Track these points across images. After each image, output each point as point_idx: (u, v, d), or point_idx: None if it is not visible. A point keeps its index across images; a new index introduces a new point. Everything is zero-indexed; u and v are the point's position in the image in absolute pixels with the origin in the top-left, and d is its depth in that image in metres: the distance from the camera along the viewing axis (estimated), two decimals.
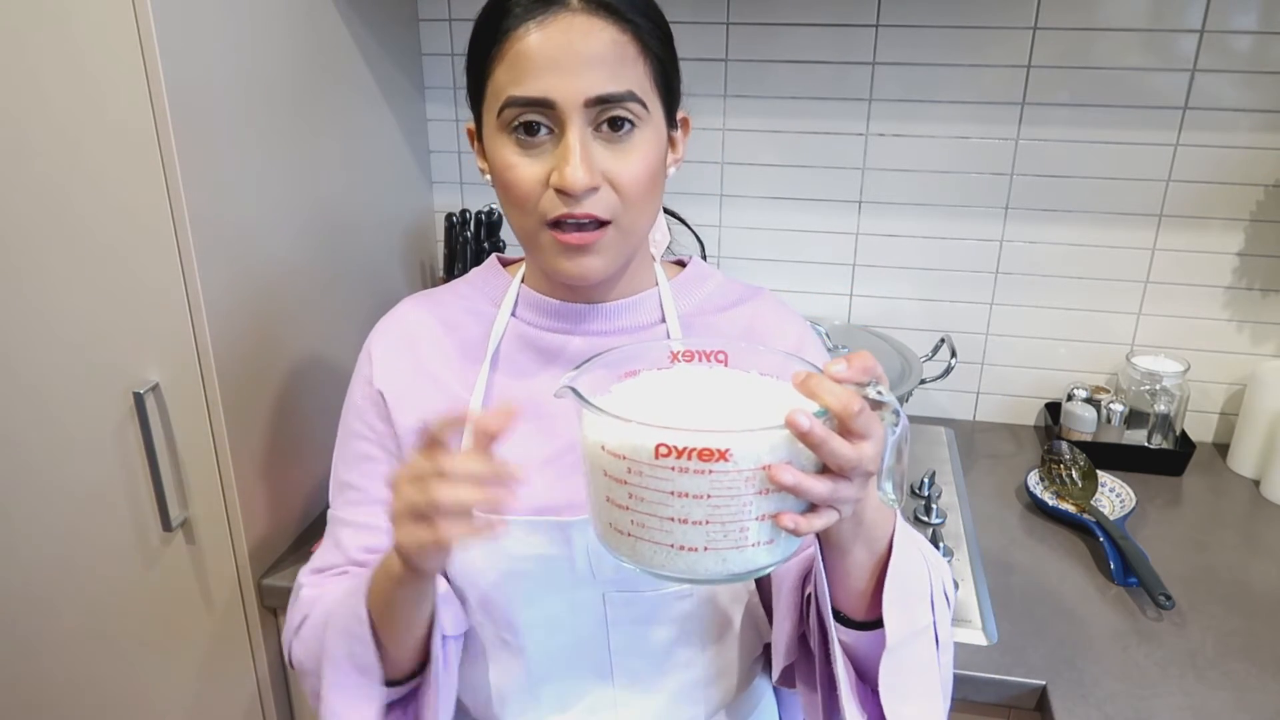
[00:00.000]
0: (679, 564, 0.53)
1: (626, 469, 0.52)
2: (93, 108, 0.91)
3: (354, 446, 0.82)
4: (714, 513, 0.51)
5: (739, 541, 0.52)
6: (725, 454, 0.50)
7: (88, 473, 1.08)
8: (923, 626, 0.67)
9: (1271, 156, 1.30)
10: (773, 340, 0.81)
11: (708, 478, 0.50)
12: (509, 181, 0.70)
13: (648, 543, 0.53)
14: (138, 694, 1.21)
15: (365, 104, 1.31)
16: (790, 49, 1.38)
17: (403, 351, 0.81)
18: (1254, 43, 1.25)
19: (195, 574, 1.11)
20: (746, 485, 0.51)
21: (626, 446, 0.51)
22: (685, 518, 0.51)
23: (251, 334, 1.07)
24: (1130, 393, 1.39)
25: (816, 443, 0.50)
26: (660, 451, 0.50)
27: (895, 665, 0.66)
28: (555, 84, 0.66)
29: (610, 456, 0.52)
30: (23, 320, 1.02)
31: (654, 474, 0.51)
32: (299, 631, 0.78)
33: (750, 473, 0.51)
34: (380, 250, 1.39)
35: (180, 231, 0.95)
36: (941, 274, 1.46)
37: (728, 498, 0.51)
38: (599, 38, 0.67)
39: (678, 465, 0.50)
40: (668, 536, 0.52)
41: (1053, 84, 1.32)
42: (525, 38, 0.66)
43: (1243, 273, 1.37)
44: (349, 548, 0.80)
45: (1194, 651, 0.99)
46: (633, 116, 0.69)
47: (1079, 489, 1.28)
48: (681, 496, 0.51)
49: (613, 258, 0.73)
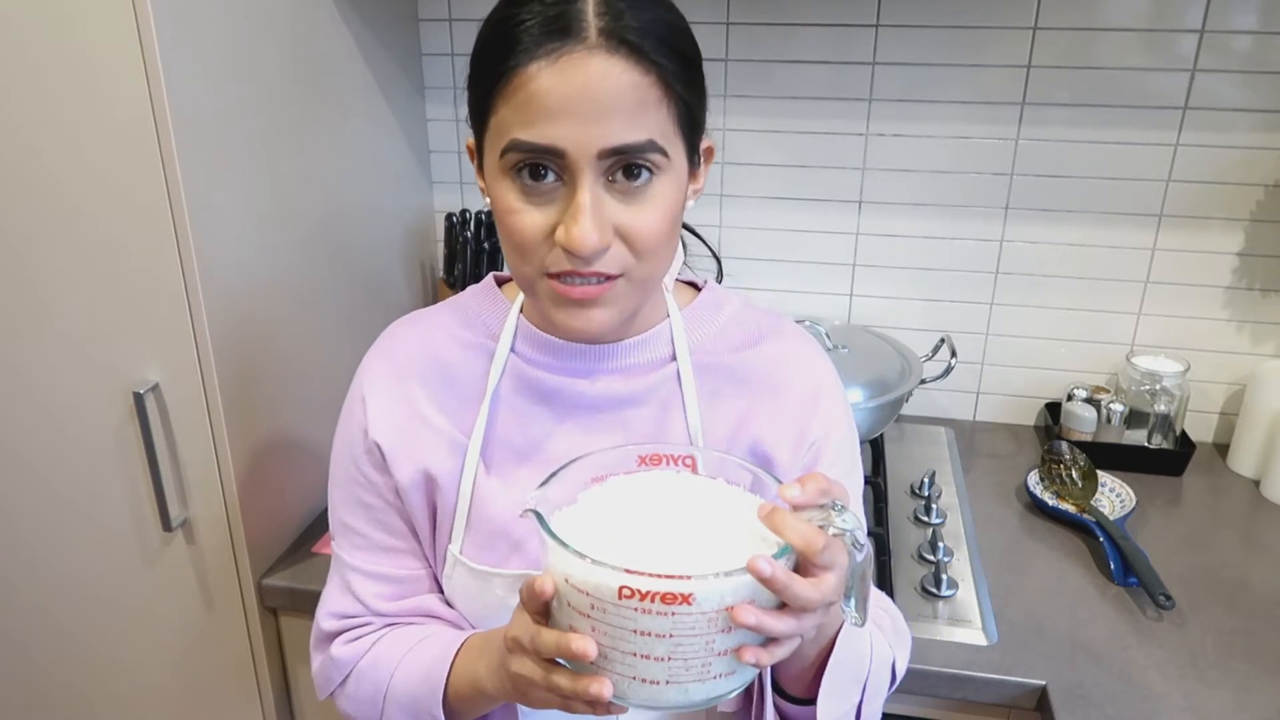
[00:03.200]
0: (642, 694, 0.54)
1: (590, 605, 0.52)
2: (93, 107, 0.91)
3: (351, 491, 0.78)
4: (676, 650, 0.52)
5: (700, 675, 0.54)
6: (689, 598, 0.50)
7: (88, 473, 1.08)
8: (849, 707, 0.69)
9: (1271, 156, 1.30)
10: (789, 389, 0.76)
11: (670, 619, 0.51)
12: (510, 228, 0.64)
13: (611, 674, 0.54)
14: (138, 694, 1.21)
15: (365, 104, 1.31)
16: (790, 49, 1.38)
17: (396, 396, 0.76)
18: (1254, 43, 1.25)
19: (195, 574, 1.11)
20: (709, 625, 0.52)
21: (590, 584, 0.52)
22: (648, 654, 0.52)
23: (251, 334, 1.07)
24: (1130, 393, 1.39)
25: (779, 588, 0.51)
26: (624, 593, 0.50)
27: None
28: (567, 133, 0.59)
29: (574, 590, 0.53)
30: (23, 320, 1.02)
31: (618, 612, 0.51)
32: (344, 689, 0.79)
33: (713, 614, 0.51)
34: (380, 250, 1.39)
35: (180, 231, 0.95)
36: (941, 274, 1.46)
37: (690, 636, 0.52)
38: (618, 81, 0.59)
39: (641, 607, 0.51)
40: (630, 669, 0.53)
41: (1053, 84, 1.32)
42: (537, 76, 0.59)
43: (1243, 273, 1.37)
44: (367, 598, 0.78)
45: (1194, 651, 0.99)
46: (651, 165, 0.62)
47: (1079, 489, 1.28)
48: (644, 635, 0.52)
49: (621, 310, 0.67)
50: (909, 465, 1.38)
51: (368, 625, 0.79)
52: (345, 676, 0.78)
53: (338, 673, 0.79)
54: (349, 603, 0.79)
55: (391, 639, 0.77)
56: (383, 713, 0.75)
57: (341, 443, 0.79)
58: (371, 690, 0.75)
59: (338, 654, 0.78)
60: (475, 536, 0.75)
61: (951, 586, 1.08)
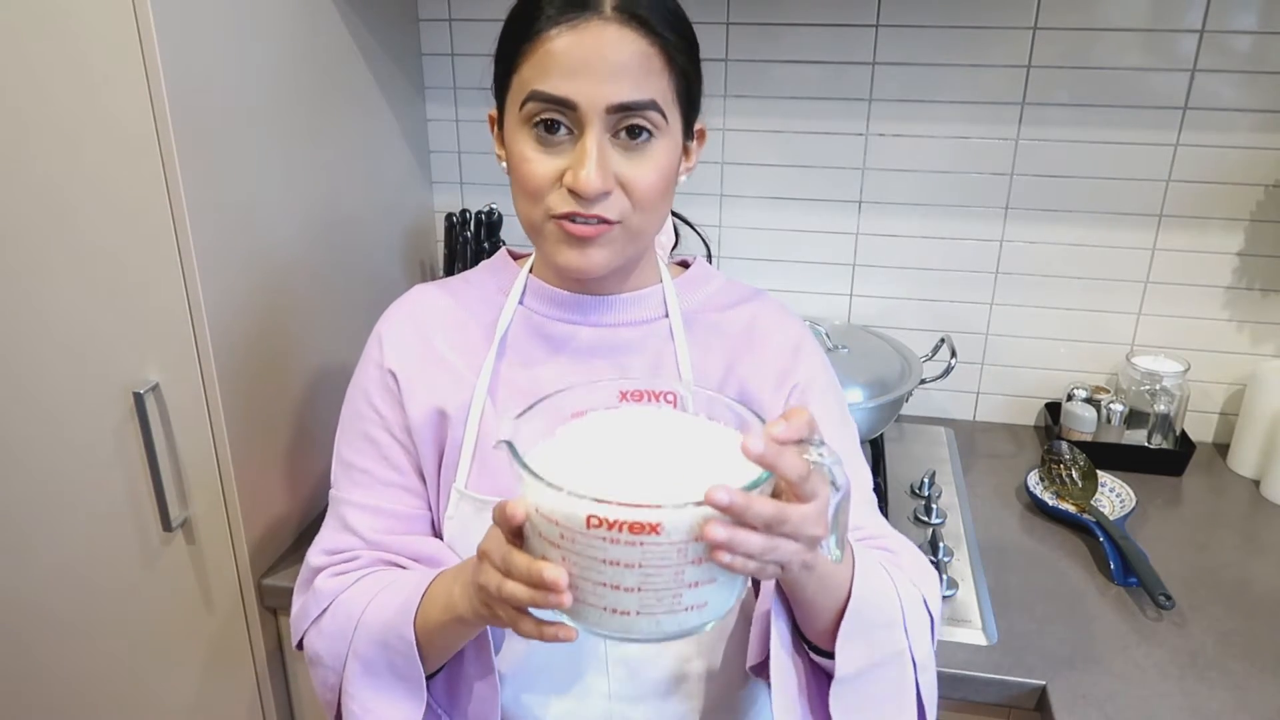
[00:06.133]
0: (613, 625, 0.54)
1: (559, 534, 0.52)
2: (93, 107, 0.91)
3: (359, 428, 0.82)
4: (647, 580, 0.52)
5: (672, 607, 0.53)
6: (656, 528, 0.50)
7: (88, 473, 1.08)
8: (893, 652, 0.69)
9: (1271, 156, 1.30)
10: (769, 343, 0.83)
11: (639, 549, 0.51)
12: (524, 174, 0.71)
13: (582, 604, 0.54)
14: (138, 694, 1.21)
15: (365, 104, 1.31)
16: (790, 49, 1.38)
17: (412, 335, 0.83)
18: (1254, 43, 1.25)
19: (195, 574, 1.11)
20: (679, 556, 0.51)
21: (559, 514, 0.51)
22: (618, 584, 0.52)
23: (252, 334, 1.07)
24: (1130, 393, 1.39)
25: (738, 512, 0.51)
26: (591, 523, 0.50)
27: (852, 695, 0.68)
28: (580, 87, 0.67)
29: (544, 520, 0.53)
30: (23, 320, 1.02)
31: (587, 542, 0.51)
32: (318, 624, 0.78)
33: (683, 544, 0.51)
34: (380, 250, 1.39)
35: (180, 232, 0.95)
36: (941, 274, 1.46)
37: (660, 567, 0.51)
38: (628, 48, 0.68)
39: (609, 536, 0.50)
40: (601, 600, 0.53)
41: (1053, 84, 1.32)
42: (557, 38, 0.68)
43: (1243, 273, 1.37)
44: (362, 530, 0.80)
45: (1194, 651, 0.99)
46: (651, 126, 0.70)
47: (1079, 489, 1.28)
48: (613, 564, 0.51)
49: (615, 253, 0.74)
50: (909, 465, 1.38)
51: (357, 559, 0.80)
52: (323, 610, 0.78)
53: (316, 606, 0.79)
54: (343, 538, 0.81)
55: (375, 576, 0.78)
56: (351, 644, 0.75)
57: (355, 387, 0.84)
58: (345, 622, 0.76)
59: (321, 586, 0.79)
60: (481, 470, 0.79)
61: (951, 586, 1.08)
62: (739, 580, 0.57)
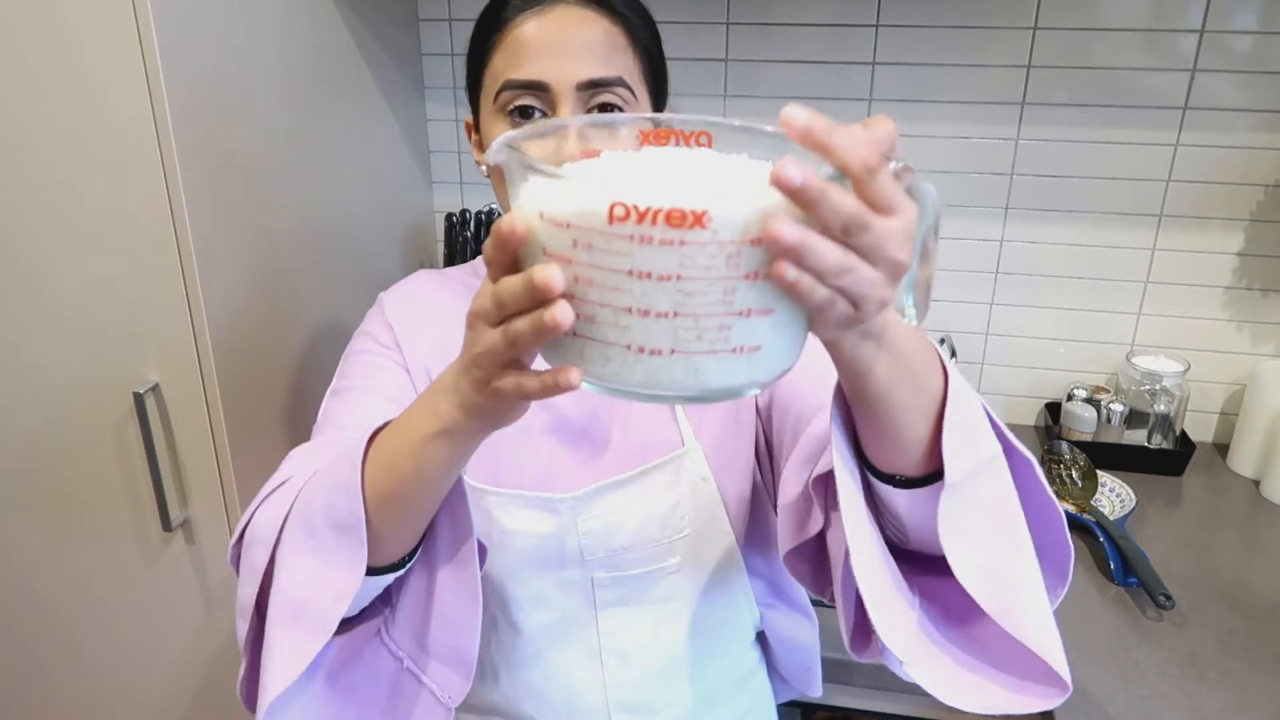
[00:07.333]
0: (636, 373, 0.41)
1: (571, 241, 0.39)
2: (93, 107, 0.91)
3: (358, 359, 0.82)
4: (685, 301, 0.39)
5: (715, 344, 0.40)
6: (702, 218, 0.37)
7: (88, 473, 1.08)
8: (989, 456, 0.55)
9: (1271, 156, 1.30)
10: None
11: (678, 250, 0.38)
12: None
13: (597, 343, 0.41)
14: (138, 694, 1.21)
15: (365, 104, 1.31)
16: (790, 49, 1.38)
17: (412, 309, 0.85)
18: (1254, 43, 1.25)
19: (195, 574, 1.11)
20: (729, 265, 0.38)
21: (571, 210, 0.39)
22: (647, 308, 0.39)
23: (251, 334, 1.07)
24: (1130, 393, 1.39)
25: (813, 199, 0.37)
26: (616, 214, 0.37)
27: (956, 508, 0.53)
28: (549, 67, 0.70)
29: (551, 226, 0.40)
30: (23, 320, 1.02)
31: (607, 246, 0.38)
32: (268, 499, 0.65)
33: (735, 247, 0.38)
34: (380, 250, 1.39)
35: (180, 232, 0.95)
36: (941, 274, 1.46)
37: (704, 280, 0.38)
38: (592, 27, 0.71)
39: (638, 233, 0.37)
40: (623, 335, 0.40)
41: (1053, 84, 1.32)
42: (523, 24, 0.71)
43: (1243, 273, 1.37)
44: (349, 429, 0.73)
45: (1194, 651, 0.99)
46: (621, 103, 0.72)
47: (1079, 489, 1.28)
48: (643, 278, 0.38)
49: None
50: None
51: None
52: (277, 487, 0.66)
53: (270, 485, 0.67)
54: (311, 460, 0.70)
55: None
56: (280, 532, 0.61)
57: (352, 343, 0.86)
58: (280, 507, 0.63)
59: (283, 467, 0.70)
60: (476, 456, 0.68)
61: None
62: (799, 328, 0.43)
